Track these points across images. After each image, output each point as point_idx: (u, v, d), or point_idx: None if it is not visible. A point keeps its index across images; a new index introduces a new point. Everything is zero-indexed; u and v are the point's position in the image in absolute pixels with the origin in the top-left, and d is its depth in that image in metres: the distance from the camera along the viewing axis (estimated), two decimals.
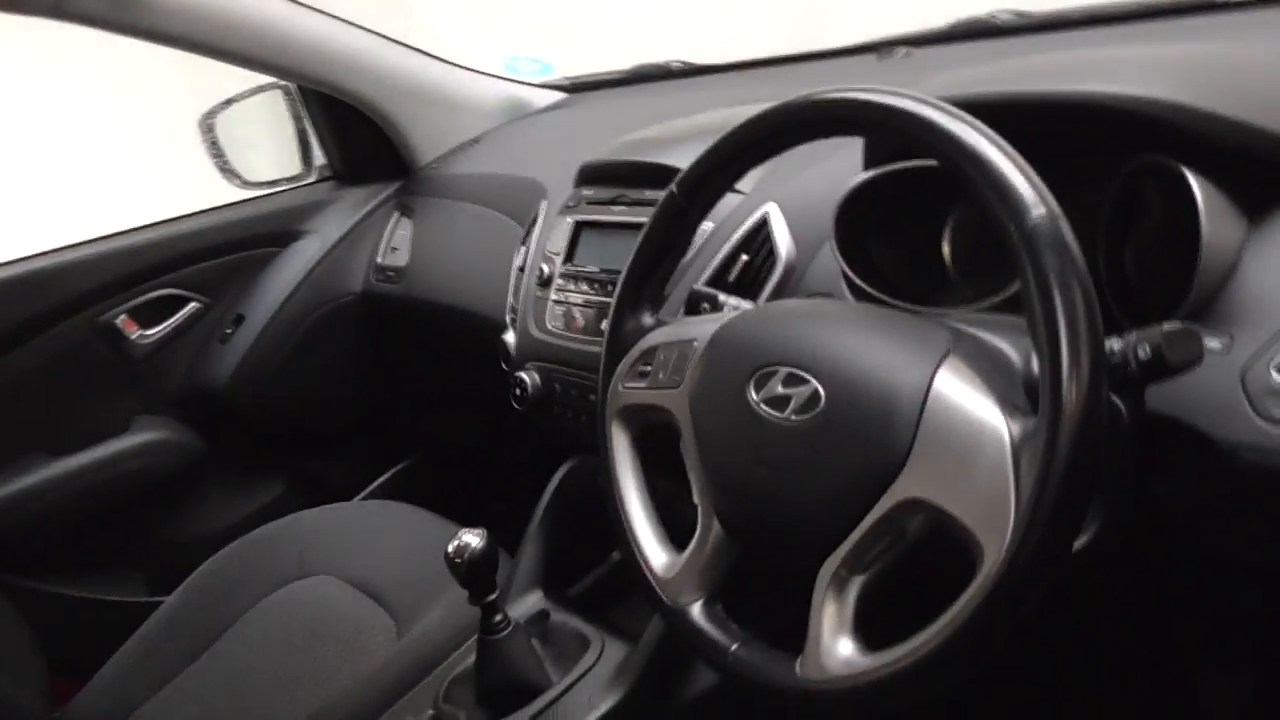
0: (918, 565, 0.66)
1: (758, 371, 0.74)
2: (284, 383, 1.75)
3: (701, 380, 0.79)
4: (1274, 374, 0.67)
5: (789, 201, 1.05)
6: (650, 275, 0.88)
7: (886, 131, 0.69)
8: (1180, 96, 0.74)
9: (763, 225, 1.05)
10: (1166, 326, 0.61)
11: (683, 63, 1.75)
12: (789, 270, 1.01)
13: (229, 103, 1.70)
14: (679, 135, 1.24)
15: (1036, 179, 0.61)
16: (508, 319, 1.34)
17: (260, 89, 1.71)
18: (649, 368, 0.85)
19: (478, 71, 1.83)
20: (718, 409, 0.77)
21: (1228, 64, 0.84)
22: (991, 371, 0.65)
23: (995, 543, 0.58)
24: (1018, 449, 0.59)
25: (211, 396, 1.70)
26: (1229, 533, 0.75)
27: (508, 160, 1.63)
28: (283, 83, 1.72)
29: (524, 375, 1.25)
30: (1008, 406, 0.62)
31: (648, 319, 0.89)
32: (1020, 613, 0.58)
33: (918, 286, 0.96)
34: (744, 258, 1.04)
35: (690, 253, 1.04)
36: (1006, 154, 0.62)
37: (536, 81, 1.89)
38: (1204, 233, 0.72)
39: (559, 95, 1.87)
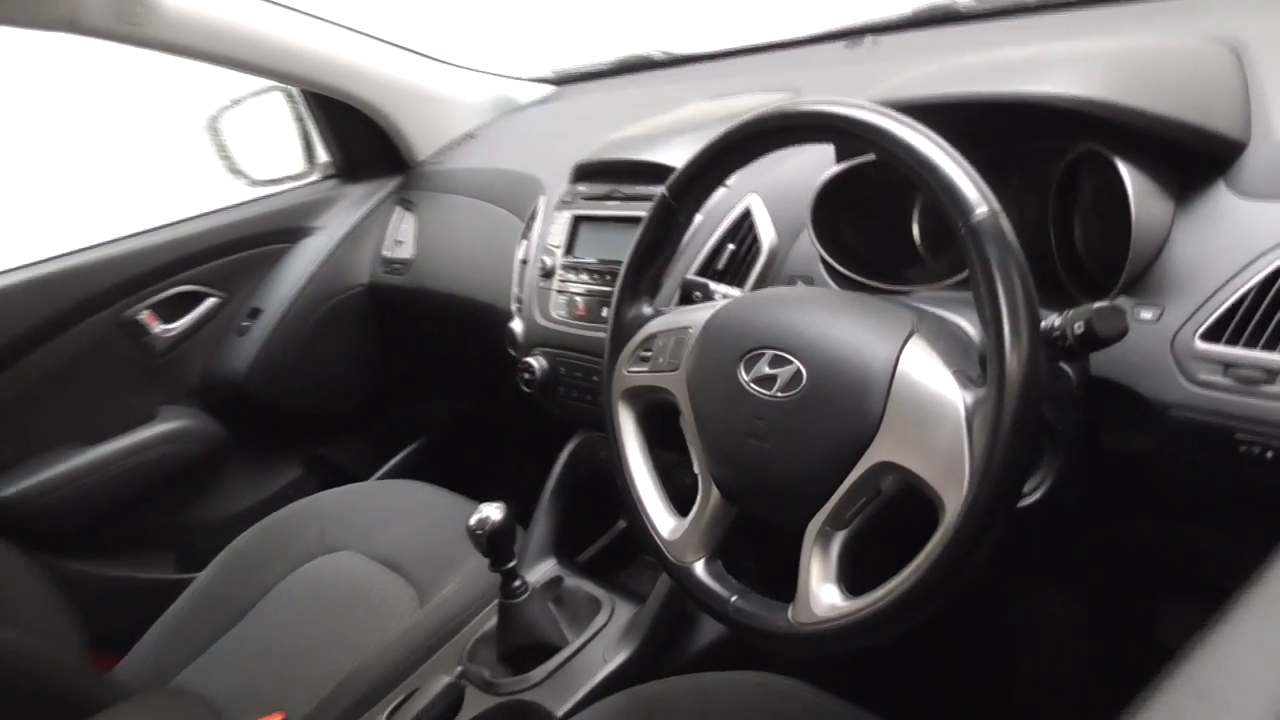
0: (890, 520, 0.76)
1: (747, 354, 0.83)
2: (298, 371, 1.83)
3: (697, 363, 0.88)
4: (1198, 341, 0.77)
5: (769, 192, 1.14)
6: (646, 269, 0.97)
7: (851, 139, 0.78)
8: (1107, 94, 0.83)
9: (746, 216, 1.14)
10: (1096, 305, 0.71)
11: (665, 53, 1.81)
12: (771, 257, 1.10)
13: (234, 104, 1.76)
14: (663, 131, 1.33)
15: (979, 180, 0.70)
16: (513, 308, 1.43)
17: (263, 91, 1.78)
18: (649, 353, 0.94)
19: (468, 68, 1.90)
20: (712, 388, 0.86)
21: (1146, 59, 0.92)
22: (950, 347, 0.75)
23: (954, 497, 0.68)
24: (970, 415, 0.69)
25: (230, 385, 1.78)
26: (1167, 479, 0.85)
27: (504, 155, 1.70)
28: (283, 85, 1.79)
29: (531, 360, 1.35)
30: (962, 378, 0.71)
31: (646, 308, 0.98)
32: (978, 555, 0.67)
33: (891, 265, 1.06)
34: (730, 247, 1.14)
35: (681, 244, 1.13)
36: (952, 158, 0.71)
37: (525, 76, 1.96)
38: (1134, 215, 0.81)
39: (548, 88, 1.94)
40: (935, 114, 0.77)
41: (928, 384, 0.72)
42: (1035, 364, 0.66)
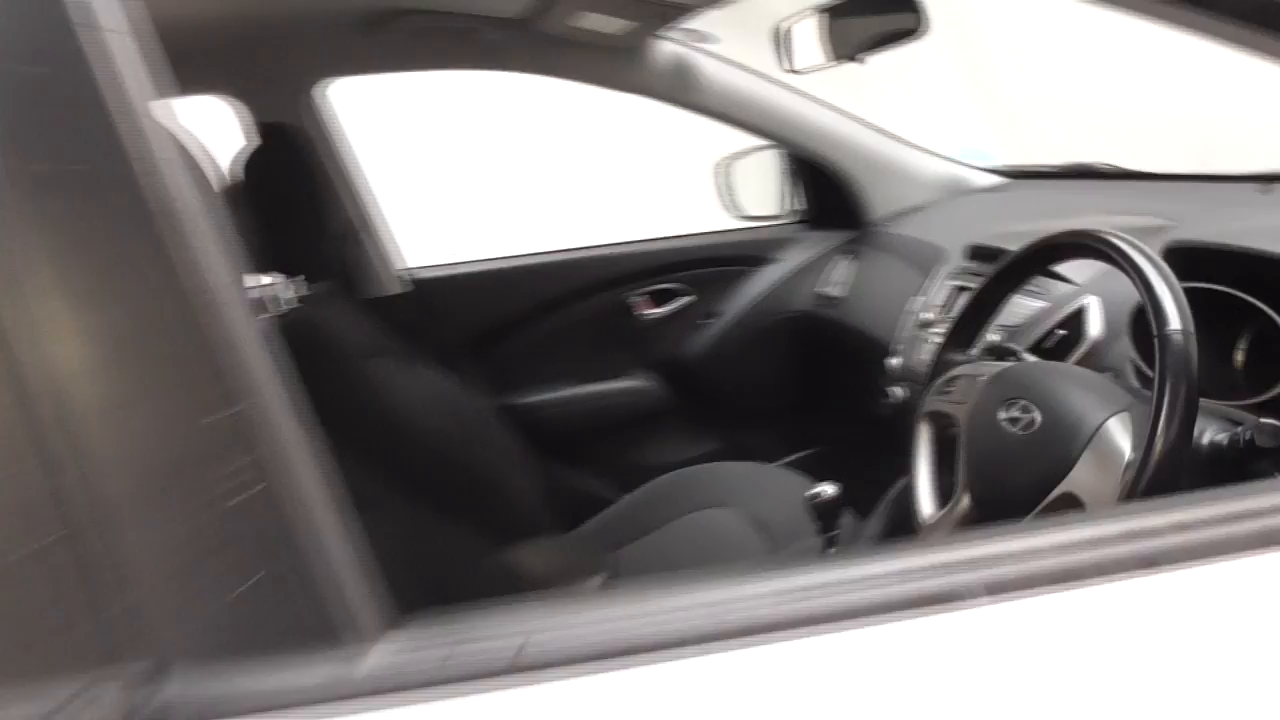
0: None
1: (1008, 400, 1.12)
2: (733, 368, 2.29)
3: (978, 402, 1.18)
4: None
5: (1106, 295, 1.37)
6: (968, 325, 1.29)
7: (1104, 258, 1.04)
8: None
9: (1082, 311, 1.38)
10: (1262, 420, 0.92)
11: (1106, 165, 2.00)
12: (1093, 347, 1.34)
13: (735, 156, 2.25)
14: (1030, 231, 1.58)
15: (1182, 301, 0.94)
16: (894, 348, 1.78)
17: (758, 148, 2.24)
18: (953, 389, 1.25)
19: (930, 152, 2.23)
20: (980, 422, 1.15)
21: None
22: (1145, 425, 0.99)
23: None
24: (1128, 469, 0.94)
25: (682, 365, 2.28)
26: None
27: (933, 228, 2.01)
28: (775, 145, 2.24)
29: (896, 390, 1.69)
30: (1136, 443, 0.96)
31: (961, 355, 1.29)
32: None
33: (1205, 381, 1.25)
34: (1063, 333, 1.39)
35: (1022, 321, 1.41)
36: (1166, 282, 0.95)
37: (978, 165, 2.24)
38: None
39: (996, 179, 2.21)
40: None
41: (1115, 443, 0.98)
42: (1176, 452, 0.89)
